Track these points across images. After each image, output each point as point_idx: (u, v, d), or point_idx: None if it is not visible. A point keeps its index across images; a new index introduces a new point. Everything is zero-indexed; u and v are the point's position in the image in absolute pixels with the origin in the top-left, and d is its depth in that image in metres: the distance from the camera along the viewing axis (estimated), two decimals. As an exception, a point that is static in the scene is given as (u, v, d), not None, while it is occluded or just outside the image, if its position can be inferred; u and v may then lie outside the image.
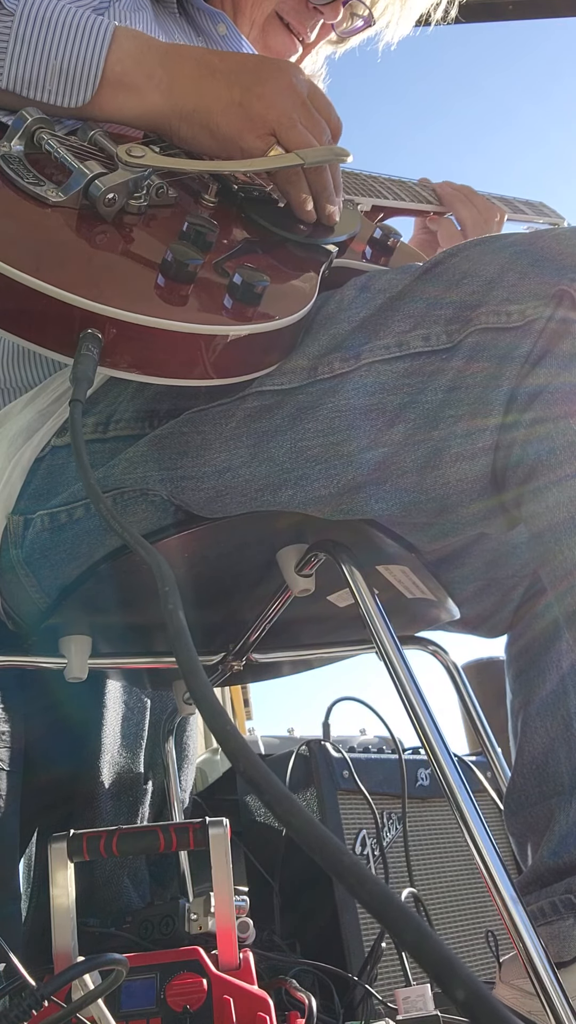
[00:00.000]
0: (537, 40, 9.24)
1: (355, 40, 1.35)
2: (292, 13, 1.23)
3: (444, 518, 0.84)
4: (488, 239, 0.83)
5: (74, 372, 0.66)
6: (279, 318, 0.77)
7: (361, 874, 0.31)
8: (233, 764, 0.36)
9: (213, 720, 0.38)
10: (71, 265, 0.70)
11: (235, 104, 0.85)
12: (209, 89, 0.86)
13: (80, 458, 0.62)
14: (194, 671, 0.41)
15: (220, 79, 0.86)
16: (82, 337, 0.67)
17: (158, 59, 0.86)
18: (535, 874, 0.97)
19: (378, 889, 0.31)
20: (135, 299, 0.69)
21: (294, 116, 0.86)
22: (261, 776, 0.35)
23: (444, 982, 0.28)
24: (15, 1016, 0.66)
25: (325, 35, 1.29)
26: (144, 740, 1.52)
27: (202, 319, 0.72)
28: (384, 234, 1.02)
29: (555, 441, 0.75)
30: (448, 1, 1.33)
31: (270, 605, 1.04)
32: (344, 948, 1.27)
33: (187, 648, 0.42)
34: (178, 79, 0.86)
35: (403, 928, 0.29)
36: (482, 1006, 0.27)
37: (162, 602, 0.45)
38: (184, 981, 0.85)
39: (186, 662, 0.42)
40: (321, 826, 0.33)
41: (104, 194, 0.74)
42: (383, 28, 1.32)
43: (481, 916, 1.51)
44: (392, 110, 30.65)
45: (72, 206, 0.75)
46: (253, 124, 0.85)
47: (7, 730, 1.32)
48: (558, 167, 33.98)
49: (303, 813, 0.33)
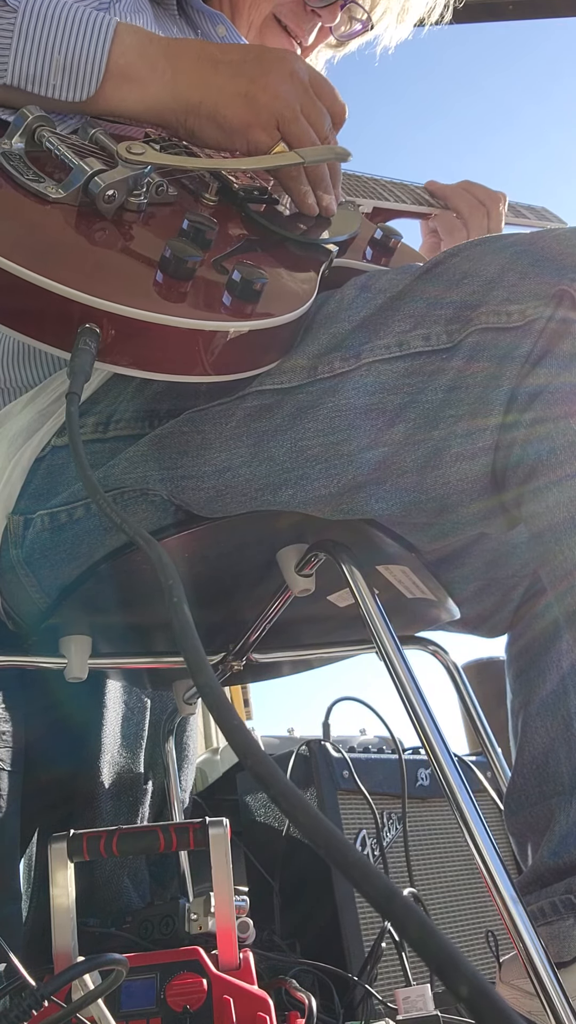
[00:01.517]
0: (537, 40, 9.25)
1: (353, 44, 1.35)
2: (290, 16, 1.23)
3: (444, 518, 0.84)
4: (488, 239, 0.84)
5: (71, 366, 0.67)
6: (278, 316, 0.77)
7: (366, 869, 0.31)
8: (240, 759, 0.36)
9: (221, 715, 0.38)
10: (70, 261, 0.70)
11: (240, 95, 0.86)
12: (213, 81, 0.86)
13: (76, 451, 0.62)
14: (200, 665, 0.41)
15: (224, 70, 0.87)
16: (80, 332, 0.67)
17: (161, 52, 0.86)
18: (535, 874, 0.97)
19: (382, 884, 0.30)
20: (133, 294, 0.69)
21: (296, 107, 0.87)
22: (267, 771, 0.35)
23: (448, 978, 0.28)
24: (15, 1016, 0.66)
25: (323, 38, 1.29)
26: (144, 740, 1.52)
27: (200, 315, 0.72)
28: (385, 235, 1.02)
29: (555, 441, 0.75)
30: (444, 5, 1.33)
31: (270, 605, 1.04)
32: (344, 948, 1.27)
33: (193, 642, 0.42)
34: (182, 71, 0.86)
35: (407, 924, 0.29)
36: (486, 1002, 0.27)
37: (166, 596, 0.45)
38: (184, 981, 0.85)
39: (192, 656, 0.41)
40: (326, 820, 0.33)
41: (104, 191, 0.74)
42: (381, 32, 1.32)
43: (481, 916, 1.51)
44: (392, 110, 30.61)
45: (72, 203, 0.75)
46: (259, 116, 0.86)
47: (8, 730, 1.32)
48: (558, 167, 34.09)
49: (309, 808, 0.33)
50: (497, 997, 0.27)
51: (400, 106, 9.87)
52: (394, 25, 1.31)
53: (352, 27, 1.29)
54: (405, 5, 1.29)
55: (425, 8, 1.32)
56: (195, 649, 0.42)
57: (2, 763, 1.29)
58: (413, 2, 1.29)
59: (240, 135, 0.87)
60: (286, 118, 0.87)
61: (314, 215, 0.95)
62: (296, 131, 0.88)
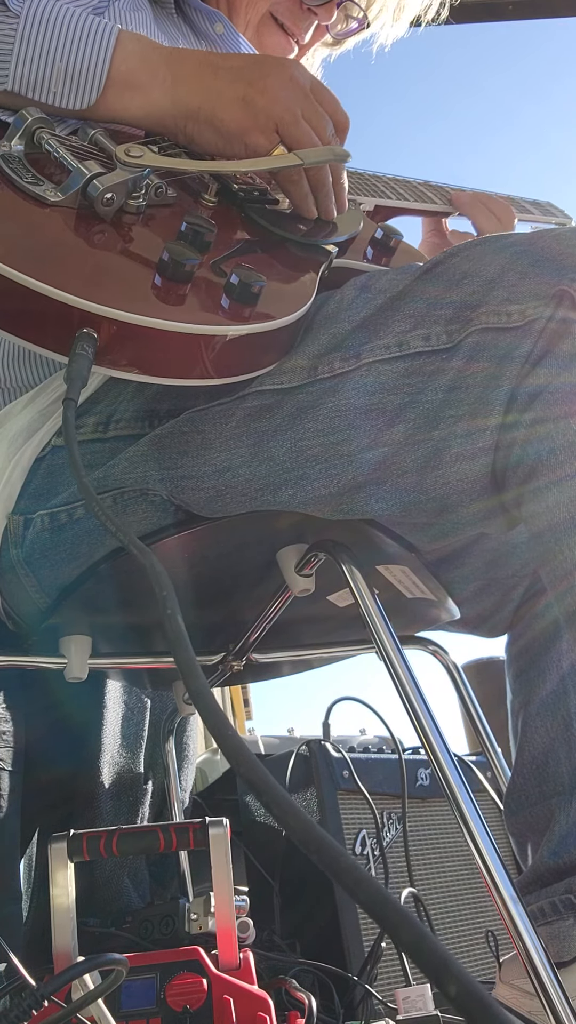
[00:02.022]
0: (537, 40, 9.25)
1: (350, 42, 1.35)
2: (286, 14, 1.23)
3: (444, 518, 0.84)
4: (489, 239, 0.84)
5: (68, 371, 0.67)
6: (277, 318, 0.77)
7: (358, 875, 0.31)
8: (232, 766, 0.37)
9: (212, 722, 0.38)
10: (68, 265, 0.70)
11: (239, 100, 0.86)
12: (213, 86, 0.86)
13: (73, 457, 0.62)
14: (194, 674, 0.41)
15: (223, 76, 0.87)
16: (77, 337, 0.67)
17: (162, 59, 0.86)
18: (535, 874, 0.97)
19: (374, 889, 0.31)
20: (131, 299, 0.69)
21: (296, 111, 0.87)
22: (259, 778, 0.35)
23: (439, 980, 0.28)
24: (15, 1016, 0.66)
25: (320, 37, 1.29)
26: (144, 740, 1.52)
27: (199, 319, 0.72)
28: (386, 234, 1.02)
29: (555, 441, 0.75)
30: (440, 4, 1.33)
31: (270, 605, 1.04)
32: (344, 948, 1.27)
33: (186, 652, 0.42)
34: (182, 78, 0.86)
35: (400, 928, 0.29)
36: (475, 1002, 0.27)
37: (160, 607, 0.45)
38: (184, 981, 0.85)
39: (185, 665, 0.42)
40: (318, 827, 0.33)
41: (102, 194, 0.74)
42: (378, 30, 1.32)
43: (481, 916, 1.51)
44: (392, 110, 30.63)
45: (71, 206, 0.75)
46: (257, 120, 0.86)
47: (8, 729, 1.32)
48: (558, 167, 33.96)
49: (300, 814, 0.33)
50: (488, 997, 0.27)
51: (400, 106, 9.91)
52: (390, 23, 1.31)
53: (348, 25, 1.29)
54: (401, 3, 1.30)
55: (421, 5, 1.32)
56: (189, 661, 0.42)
57: (2, 763, 1.29)
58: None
59: (238, 139, 0.87)
60: (285, 121, 0.87)
61: (313, 218, 0.95)
62: (296, 134, 0.87)
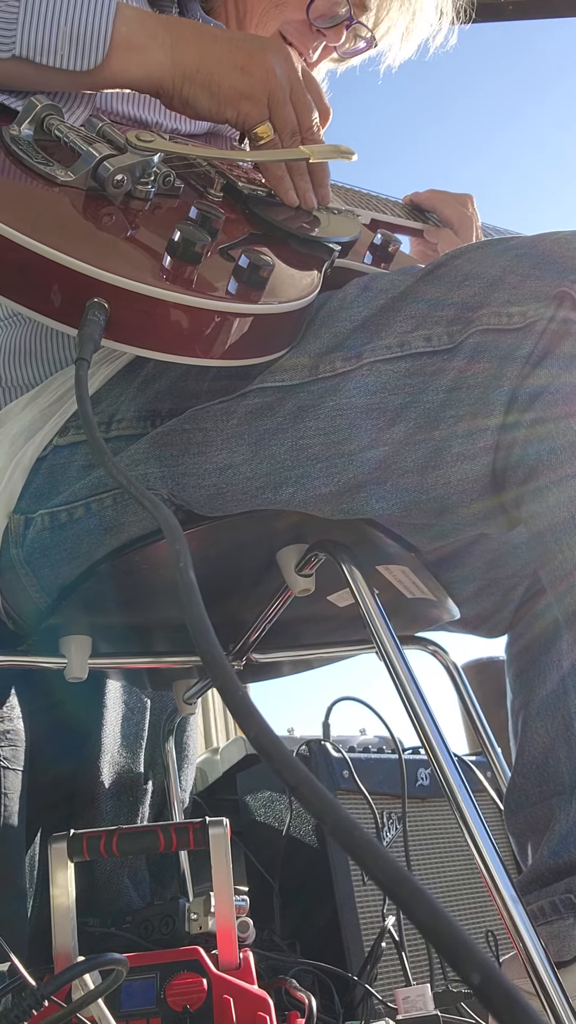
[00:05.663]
0: (537, 40, 9.19)
1: (356, 60, 1.36)
2: (295, 35, 1.23)
3: (444, 518, 0.84)
4: (490, 242, 0.84)
5: (80, 334, 0.67)
6: (284, 302, 0.77)
7: (375, 851, 0.30)
8: (244, 732, 0.36)
9: (225, 687, 0.36)
10: (79, 237, 0.71)
11: (237, 67, 0.87)
12: (212, 51, 0.88)
13: (85, 413, 0.63)
14: (204, 633, 0.39)
15: (223, 44, 0.88)
16: (89, 305, 0.68)
17: (160, 24, 0.88)
18: (535, 874, 0.97)
19: (391, 866, 0.29)
20: (143, 272, 0.70)
21: (288, 89, 0.89)
22: (272, 745, 0.34)
23: (458, 965, 0.27)
24: (15, 1016, 0.66)
25: (327, 56, 1.30)
26: (144, 740, 1.51)
27: (208, 295, 0.73)
28: (384, 240, 1.03)
29: (556, 441, 0.75)
30: (449, 31, 1.33)
31: (270, 605, 1.04)
32: (344, 948, 1.27)
33: (197, 607, 0.41)
34: (181, 40, 0.88)
35: (416, 907, 0.28)
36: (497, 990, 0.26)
37: (172, 559, 0.44)
38: (184, 981, 0.85)
39: (196, 622, 0.40)
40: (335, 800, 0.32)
41: (112, 175, 0.75)
42: (385, 49, 1.33)
43: (481, 916, 1.51)
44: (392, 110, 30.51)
45: (80, 186, 0.75)
46: (253, 89, 0.87)
47: (13, 728, 1.32)
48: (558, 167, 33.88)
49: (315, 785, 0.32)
50: (510, 985, 0.27)
51: (400, 106, 9.83)
52: (398, 44, 1.32)
53: (356, 44, 1.30)
54: (410, 25, 1.30)
55: (430, 30, 1.32)
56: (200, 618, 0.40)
57: (8, 761, 1.29)
58: (419, 22, 1.29)
59: (231, 104, 0.88)
60: (277, 98, 0.88)
61: (294, 205, 0.96)
62: (284, 113, 0.89)
